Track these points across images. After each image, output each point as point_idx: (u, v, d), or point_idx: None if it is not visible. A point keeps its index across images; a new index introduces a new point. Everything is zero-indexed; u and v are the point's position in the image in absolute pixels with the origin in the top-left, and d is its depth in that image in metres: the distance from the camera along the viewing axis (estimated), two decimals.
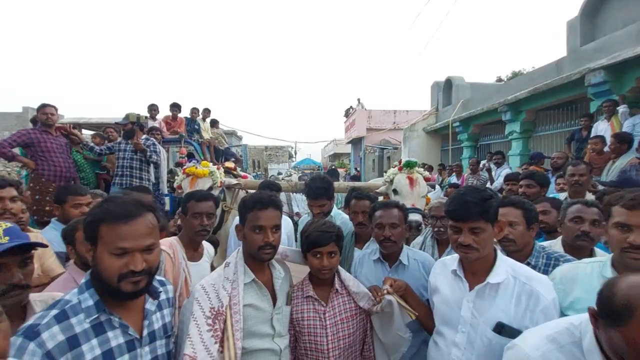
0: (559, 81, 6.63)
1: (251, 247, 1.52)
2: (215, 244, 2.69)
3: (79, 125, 5.86)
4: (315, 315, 1.66)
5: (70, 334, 1.03)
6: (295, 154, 30.06)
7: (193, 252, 2.06)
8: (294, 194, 5.36)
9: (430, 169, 9.73)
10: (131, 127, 4.93)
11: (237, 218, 3.06)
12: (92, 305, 1.09)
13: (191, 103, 8.56)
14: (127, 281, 1.09)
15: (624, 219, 1.33)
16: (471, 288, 1.43)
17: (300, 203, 5.82)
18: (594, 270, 1.44)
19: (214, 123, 8.53)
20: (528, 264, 1.71)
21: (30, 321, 1.03)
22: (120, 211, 1.11)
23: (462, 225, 1.38)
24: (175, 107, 6.99)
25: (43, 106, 4.37)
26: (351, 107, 22.94)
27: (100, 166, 5.57)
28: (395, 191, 3.26)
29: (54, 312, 1.05)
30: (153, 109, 6.71)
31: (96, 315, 1.08)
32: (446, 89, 12.23)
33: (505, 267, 1.41)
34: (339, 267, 1.76)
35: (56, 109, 4.47)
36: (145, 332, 1.18)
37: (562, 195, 3.38)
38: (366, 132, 20.18)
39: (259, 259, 1.53)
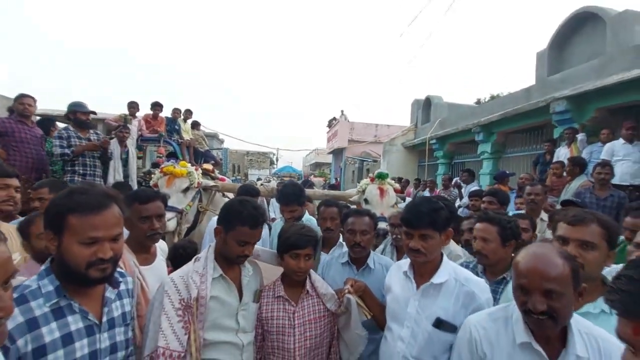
0: (527, 107, 7.07)
1: (231, 253, 1.60)
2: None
3: (53, 118, 5.73)
4: (284, 315, 1.72)
5: (30, 317, 1.05)
6: (277, 160, 30.07)
7: (146, 255, 1.93)
8: (272, 199, 5.46)
9: (407, 182, 10.04)
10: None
11: (213, 220, 3.13)
12: (52, 291, 1.11)
13: (173, 104, 8.50)
14: (95, 268, 1.12)
15: (563, 232, 1.50)
16: (418, 288, 1.59)
17: (276, 209, 5.91)
18: None
19: (195, 125, 8.50)
20: (504, 278, 1.86)
21: None
22: (92, 202, 1.13)
23: (413, 232, 1.55)
24: (157, 106, 6.95)
25: (21, 96, 4.30)
26: (334, 118, 23.25)
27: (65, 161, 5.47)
28: (366, 200, 3.44)
29: (14, 295, 1.07)
30: (133, 106, 6.65)
31: (56, 300, 1.10)
32: (425, 107, 12.68)
33: (448, 269, 1.59)
34: (311, 270, 1.85)
35: (35, 100, 4.41)
36: (104, 319, 1.21)
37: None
38: (348, 143, 20.49)
39: (234, 262, 1.63)
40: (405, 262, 1.72)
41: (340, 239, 2.58)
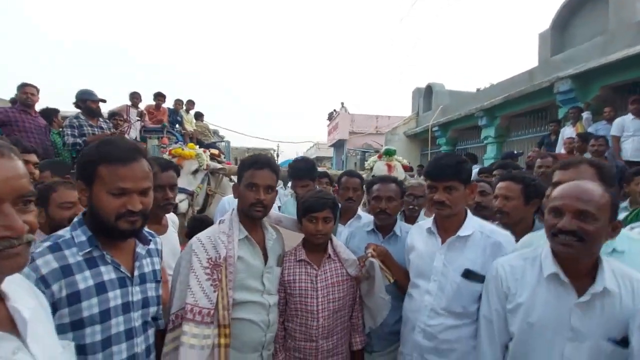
0: (530, 89, 7.04)
1: (244, 204, 1.60)
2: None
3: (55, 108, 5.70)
4: (307, 278, 1.74)
5: (64, 263, 1.06)
6: (278, 156, 30.03)
7: (157, 226, 1.91)
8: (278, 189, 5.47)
9: (410, 169, 10.02)
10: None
11: (222, 201, 3.13)
12: (85, 241, 1.12)
13: (174, 97, 8.54)
14: (124, 220, 1.12)
15: (558, 178, 1.49)
16: (444, 242, 1.59)
17: (281, 197, 5.92)
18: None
19: (199, 116, 8.45)
20: None
21: None
22: (121, 154, 1.14)
23: (438, 184, 1.55)
24: (160, 97, 6.93)
25: (24, 85, 4.28)
26: (335, 110, 23.20)
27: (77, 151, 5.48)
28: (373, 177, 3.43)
29: (47, 243, 1.09)
30: (135, 97, 6.62)
31: (89, 250, 1.11)
32: (427, 95, 12.64)
33: (473, 223, 1.60)
34: (332, 235, 1.85)
35: (37, 90, 4.39)
36: (136, 273, 1.22)
37: None
38: (349, 135, 20.44)
39: (250, 216, 1.61)
40: (427, 222, 1.73)
41: (359, 211, 2.59)
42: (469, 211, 1.65)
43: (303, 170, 2.74)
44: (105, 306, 1.10)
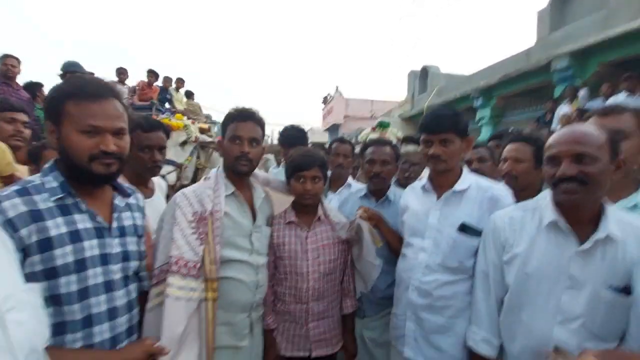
0: (527, 67, 6.95)
1: (229, 158, 1.52)
2: None
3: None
4: (296, 240, 1.68)
5: (33, 208, 0.98)
6: (272, 142, 29.82)
7: (143, 189, 1.82)
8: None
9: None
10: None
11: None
12: (57, 187, 1.04)
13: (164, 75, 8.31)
14: (98, 162, 1.05)
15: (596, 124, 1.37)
16: (438, 199, 1.53)
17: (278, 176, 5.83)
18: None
19: (189, 95, 8.21)
20: None
21: None
22: (91, 89, 1.05)
23: (434, 138, 1.47)
24: (152, 74, 6.71)
25: (4, 57, 4.11)
26: (329, 94, 22.97)
27: None
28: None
29: (15, 187, 1.01)
30: (122, 72, 6.40)
31: (61, 196, 1.02)
32: (422, 77, 12.49)
33: (469, 178, 1.53)
34: (322, 198, 1.79)
35: (19, 61, 4.21)
36: (114, 224, 1.15)
37: None
38: (343, 119, 20.30)
39: (236, 170, 1.53)
40: (421, 181, 1.66)
41: (349, 180, 2.52)
42: (464, 167, 1.58)
43: (294, 137, 2.66)
44: (81, 255, 1.03)
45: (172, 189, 3.23)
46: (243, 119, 1.52)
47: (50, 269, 0.98)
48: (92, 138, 1.04)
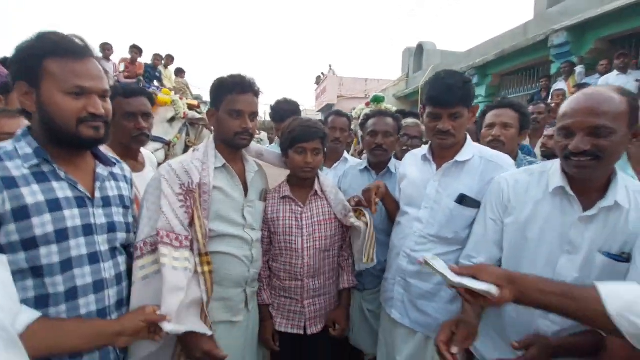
0: (524, 43, 6.83)
1: (227, 132, 1.42)
2: None
3: None
4: (291, 215, 1.62)
5: (5, 175, 0.91)
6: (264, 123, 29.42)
7: (133, 162, 1.73)
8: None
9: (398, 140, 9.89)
10: None
11: None
12: (31, 153, 0.97)
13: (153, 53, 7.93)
14: (86, 125, 0.98)
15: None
16: (438, 169, 1.48)
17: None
18: None
19: (179, 72, 7.92)
20: None
21: None
22: (72, 46, 0.96)
23: (443, 112, 1.38)
24: (135, 49, 6.45)
25: None
26: (322, 73, 22.53)
27: None
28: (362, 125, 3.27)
29: None
30: (107, 48, 6.13)
31: (36, 163, 0.96)
32: (417, 54, 12.26)
33: (473, 148, 1.47)
34: (318, 171, 1.71)
35: None
36: (97, 194, 1.08)
37: None
38: (337, 99, 19.99)
39: (234, 145, 1.45)
40: (421, 149, 1.60)
41: (345, 154, 2.45)
42: (468, 136, 1.51)
43: (287, 111, 2.55)
44: (62, 225, 0.96)
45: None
46: (243, 91, 1.41)
47: (28, 239, 0.92)
48: (79, 100, 0.97)
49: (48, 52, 0.94)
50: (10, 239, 0.90)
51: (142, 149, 1.90)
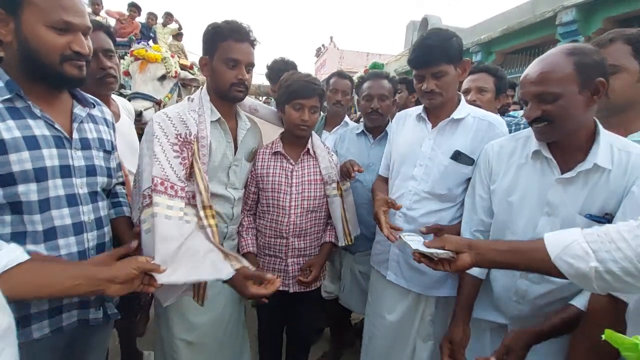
0: (532, 19, 6.62)
1: (222, 83, 1.35)
2: None
3: None
4: (281, 172, 1.59)
5: None
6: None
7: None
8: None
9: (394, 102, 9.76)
10: None
11: None
12: (2, 86, 0.91)
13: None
14: (70, 64, 0.94)
15: None
16: (433, 128, 1.48)
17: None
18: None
19: (177, 35, 7.49)
20: None
21: None
22: None
23: (424, 72, 1.37)
24: (134, 8, 6.15)
25: None
26: (323, 45, 21.97)
27: None
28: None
29: None
30: (96, 3, 5.83)
31: (8, 97, 0.91)
32: (422, 28, 11.88)
33: (466, 108, 1.47)
34: (313, 132, 1.67)
35: None
36: (76, 135, 1.04)
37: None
38: None
39: (228, 97, 1.38)
40: (416, 109, 1.58)
41: (346, 119, 2.40)
42: (462, 96, 1.49)
43: (284, 71, 2.47)
44: (40, 164, 0.93)
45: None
46: (239, 39, 1.33)
47: (6, 175, 0.89)
48: (64, 36, 0.92)
49: None
50: None
51: (116, 98, 1.78)
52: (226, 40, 1.32)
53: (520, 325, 1.14)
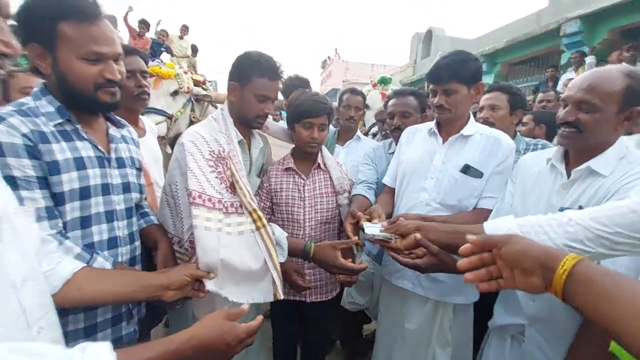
0: (537, 30, 6.69)
1: (248, 112, 1.42)
2: None
3: None
4: (294, 187, 1.64)
5: (37, 129, 0.91)
6: None
7: (135, 127, 1.74)
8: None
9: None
10: None
11: None
12: (54, 111, 0.96)
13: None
14: (103, 91, 0.99)
15: None
16: (444, 143, 1.54)
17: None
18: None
19: (193, 50, 7.55)
20: None
21: None
22: (86, 6, 0.94)
23: (437, 87, 1.45)
24: (143, 24, 6.31)
25: None
26: (328, 57, 22.28)
27: None
28: (367, 106, 3.25)
29: (10, 107, 0.92)
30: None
31: (60, 121, 0.97)
32: (426, 40, 12.04)
33: (474, 126, 1.54)
34: (322, 147, 1.72)
35: None
36: (113, 155, 1.10)
37: None
38: (342, 84, 19.81)
39: (251, 125, 1.47)
40: (427, 125, 1.65)
41: (357, 133, 2.46)
42: (471, 114, 1.55)
43: (297, 87, 2.54)
44: (85, 183, 0.99)
45: (163, 140, 3.13)
46: (274, 78, 1.40)
47: (57, 194, 0.94)
48: (96, 66, 0.97)
49: (62, 15, 0.92)
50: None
51: (141, 117, 1.90)
52: (262, 77, 1.38)
53: (538, 326, 1.15)
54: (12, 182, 0.86)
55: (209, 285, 1.07)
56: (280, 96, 2.66)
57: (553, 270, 0.61)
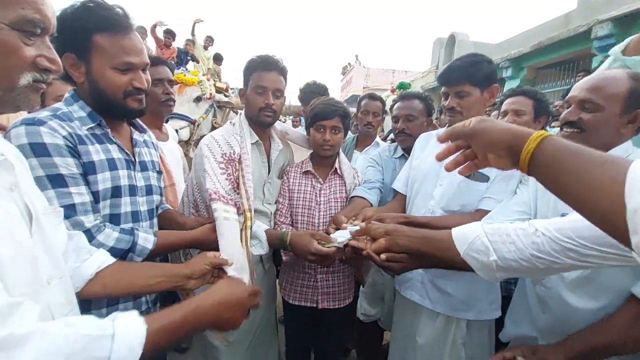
0: (565, 34, 6.46)
1: (252, 108, 1.51)
2: None
3: None
4: (311, 190, 1.67)
5: (74, 132, 0.97)
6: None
7: (158, 132, 1.88)
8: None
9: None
10: None
11: None
12: (86, 116, 1.03)
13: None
14: (132, 98, 1.05)
15: None
16: None
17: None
18: None
19: (217, 59, 7.75)
20: None
21: (19, 119, 0.93)
22: (119, 20, 0.99)
23: (449, 90, 1.43)
24: (169, 34, 6.56)
25: None
26: (349, 63, 22.32)
27: None
28: (386, 112, 3.23)
29: (46, 112, 0.97)
30: (141, 32, 6.31)
31: (92, 125, 1.03)
32: (449, 45, 11.87)
33: None
34: (340, 152, 1.75)
35: None
36: (137, 159, 1.16)
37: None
38: (362, 90, 19.79)
39: (259, 121, 1.53)
40: (438, 130, 1.63)
41: (377, 139, 2.45)
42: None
43: (315, 93, 2.56)
44: (117, 183, 1.06)
45: (186, 144, 3.22)
46: (267, 69, 1.49)
47: (93, 192, 1.00)
48: (126, 75, 1.03)
49: (97, 27, 0.98)
50: None
51: (164, 124, 2.02)
52: (256, 71, 1.49)
53: (550, 339, 1.10)
54: (60, 180, 0.92)
55: (230, 271, 1.11)
56: (297, 101, 2.69)
57: (519, 153, 0.68)
